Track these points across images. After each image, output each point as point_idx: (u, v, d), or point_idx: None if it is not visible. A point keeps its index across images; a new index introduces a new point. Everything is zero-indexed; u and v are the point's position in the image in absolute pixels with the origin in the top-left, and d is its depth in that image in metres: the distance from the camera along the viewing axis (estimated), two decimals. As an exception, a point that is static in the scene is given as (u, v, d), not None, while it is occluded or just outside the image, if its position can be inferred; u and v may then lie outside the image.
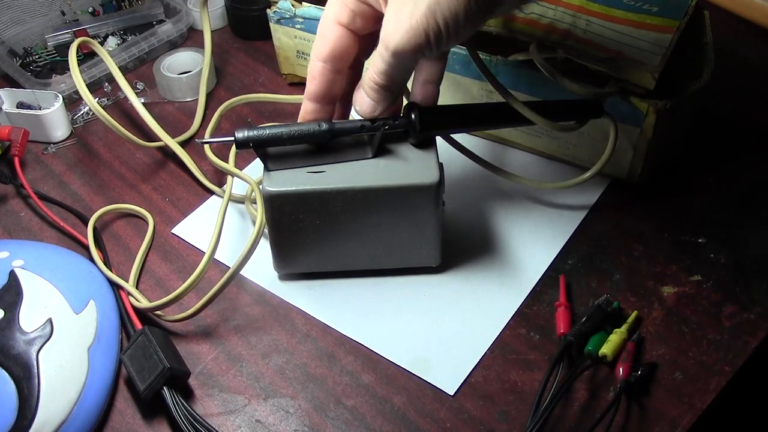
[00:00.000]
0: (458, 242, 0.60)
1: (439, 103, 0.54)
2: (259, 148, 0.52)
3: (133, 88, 0.75)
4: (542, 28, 0.60)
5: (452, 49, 0.63)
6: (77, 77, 0.66)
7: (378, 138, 0.53)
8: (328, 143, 0.53)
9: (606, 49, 0.58)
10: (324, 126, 0.52)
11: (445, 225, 0.58)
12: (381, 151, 0.54)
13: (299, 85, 0.74)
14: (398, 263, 0.57)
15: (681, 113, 0.61)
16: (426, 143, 0.54)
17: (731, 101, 0.71)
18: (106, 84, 0.75)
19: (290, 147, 0.53)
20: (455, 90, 0.65)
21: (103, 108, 0.72)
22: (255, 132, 0.52)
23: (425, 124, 0.53)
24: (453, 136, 0.61)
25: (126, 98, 0.69)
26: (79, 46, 0.70)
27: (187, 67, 0.76)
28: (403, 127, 0.53)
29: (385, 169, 0.53)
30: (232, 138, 0.52)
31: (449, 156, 0.62)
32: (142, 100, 0.73)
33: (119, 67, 0.70)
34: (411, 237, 0.55)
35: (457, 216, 0.62)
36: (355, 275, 0.58)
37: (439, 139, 0.56)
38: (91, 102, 0.65)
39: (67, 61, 0.67)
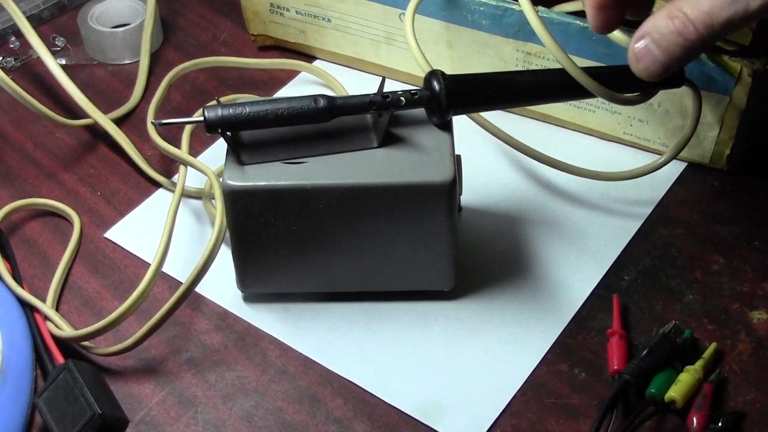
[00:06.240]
0: (479, 252, 0.60)
1: (464, 70, 0.54)
2: (234, 131, 0.52)
3: (50, 45, 0.75)
4: None
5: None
6: None
7: (386, 121, 0.52)
8: (324, 126, 0.52)
9: None
10: (322, 102, 0.52)
11: (462, 233, 0.58)
12: (388, 139, 0.53)
13: (272, 49, 0.73)
14: (399, 285, 0.57)
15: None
16: (441, 124, 0.54)
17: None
18: (13, 38, 0.75)
19: (271, 132, 0.52)
20: (481, 53, 0.65)
21: (9, 72, 0.72)
22: (231, 110, 0.51)
23: (453, 98, 0.52)
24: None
25: (40, 59, 0.69)
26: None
27: (124, 19, 0.76)
28: (425, 103, 0.53)
29: (384, 160, 0.52)
30: (201, 119, 0.52)
31: (469, 136, 0.63)
32: (63, 62, 0.74)
33: (30, 17, 0.70)
34: (416, 252, 0.54)
35: (477, 217, 0.62)
36: (343, 298, 0.58)
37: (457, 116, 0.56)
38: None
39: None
